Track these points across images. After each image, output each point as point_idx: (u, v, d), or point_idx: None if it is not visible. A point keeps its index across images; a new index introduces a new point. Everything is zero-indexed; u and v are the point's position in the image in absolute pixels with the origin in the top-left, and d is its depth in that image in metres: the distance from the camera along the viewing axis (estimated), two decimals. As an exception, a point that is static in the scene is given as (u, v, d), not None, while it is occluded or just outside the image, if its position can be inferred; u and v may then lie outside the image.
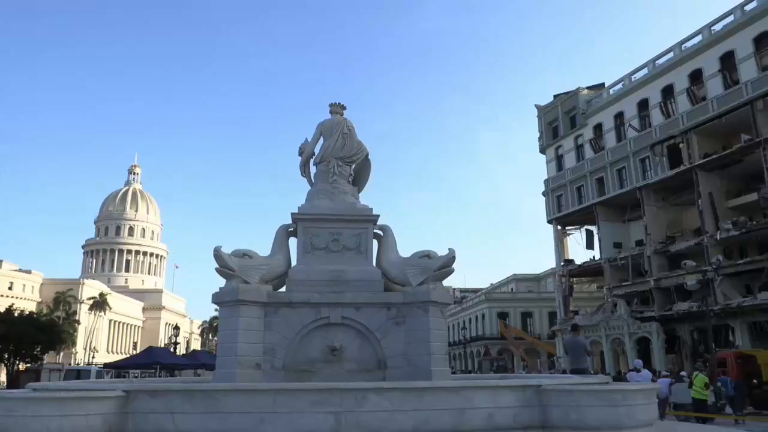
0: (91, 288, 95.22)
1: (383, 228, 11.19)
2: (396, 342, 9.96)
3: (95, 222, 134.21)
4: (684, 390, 19.07)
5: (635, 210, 43.30)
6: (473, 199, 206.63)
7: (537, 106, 55.39)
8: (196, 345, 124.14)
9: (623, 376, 27.80)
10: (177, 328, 49.34)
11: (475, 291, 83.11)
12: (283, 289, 10.57)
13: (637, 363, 21.84)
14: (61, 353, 76.25)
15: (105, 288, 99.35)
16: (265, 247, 10.88)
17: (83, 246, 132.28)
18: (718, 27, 38.22)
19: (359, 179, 12.00)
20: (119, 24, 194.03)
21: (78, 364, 69.98)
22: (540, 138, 54.65)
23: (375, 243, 11.13)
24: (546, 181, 52.98)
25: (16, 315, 48.46)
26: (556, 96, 53.57)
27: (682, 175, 38.64)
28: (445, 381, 9.00)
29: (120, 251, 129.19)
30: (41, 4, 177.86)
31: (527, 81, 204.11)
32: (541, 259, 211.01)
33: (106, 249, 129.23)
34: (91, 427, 6.35)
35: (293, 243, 10.99)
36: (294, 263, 10.84)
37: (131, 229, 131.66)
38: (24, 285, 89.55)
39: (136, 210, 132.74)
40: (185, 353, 56.56)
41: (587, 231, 50.32)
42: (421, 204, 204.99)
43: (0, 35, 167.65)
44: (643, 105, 43.52)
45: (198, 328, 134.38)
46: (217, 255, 9.86)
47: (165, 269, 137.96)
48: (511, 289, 78.12)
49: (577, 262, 50.41)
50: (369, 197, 11.81)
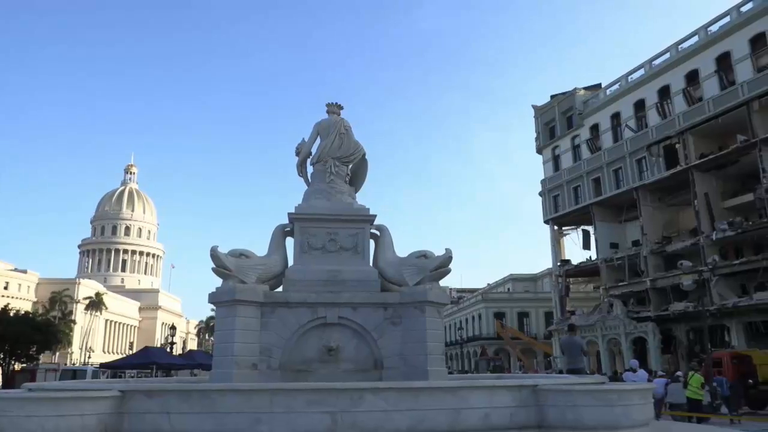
0: (87, 288, 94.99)
1: (380, 228, 11.18)
2: (393, 342, 9.94)
3: (91, 221, 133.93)
4: (680, 390, 19.13)
5: (632, 210, 43.41)
6: (470, 199, 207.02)
7: (534, 106, 55.47)
8: (192, 345, 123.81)
9: (620, 376, 27.82)
10: (173, 328, 49.22)
11: (472, 291, 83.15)
12: (280, 289, 10.55)
13: (634, 363, 21.88)
14: (57, 353, 76.10)
15: (101, 288, 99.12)
16: (262, 247, 10.89)
17: (79, 246, 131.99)
18: (714, 28, 38.36)
19: (356, 179, 11.97)
20: (115, 23, 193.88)
21: (74, 364, 69.76)
22: (537, 138, 54.74)
23: (372, 243, 11.11)
24: (543, 182, 53.08)
25: (11, 315, 48.21)
26: (553, 96, 53.66)
27: (678, 176, 38.77)
28: (442, 381, 8.98)
29: (116, 251, 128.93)
30: (38, 3, 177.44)
31: (525, 81, 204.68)
32: (538, 260, 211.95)
33: (102, 249, 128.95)
34: (87, 427, 6.33)
35: (290, 243, 10.98)
36: (291, 263, 10.82)
37: (128, 229, 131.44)
38: (20, 285, 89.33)
39: (132, 209, 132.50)
40: (182, 353, 56.35)
41: (584, 231, 50.45)
42: (418, 204, 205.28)
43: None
44: (640, 105, 43.64)
45: (194, 328, 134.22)
46: (214, 255, 9.84)
47: (161, 269, 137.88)
48: (508, 290, 78.18)
49: (574, 262, 50.55)
50: (366, 197, 11.81)
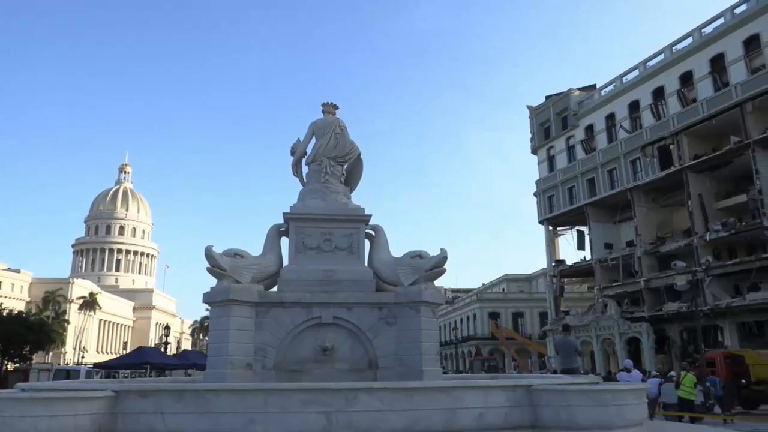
0: (81, 287, 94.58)
1: (375, 228, 11.18)
2: (387, 342, 9.95)
3: (85, 221, 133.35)
4: (673, 390, 19.20)
5: (626, 211, 43.55)
6: (465, 199, 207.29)
7: (529, 107, 55.55)
8: (186, 345, 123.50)
9: (614, 376, 27.92)
10: (167, 327, 49.04)
11: (467, 291, 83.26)
12: (275, 289, 10.54)
13: (628, 363, 21.94)
14: (51, 353, 75.71)
15: (95, 287, 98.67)
16: (257, 247, 10.88)
17: (73, 245, 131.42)
18: (708, 29, 38.51)
19: (351, 179, 11.99)
20: (111, 23, 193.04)
21: (67, 364, 69.44)
22: (532, 139, 54.82)
23: (367, 243, 11.12)
24: (537, 182, 53.17)
25: (4, 315, 48.06)
26: (548, 97, 53.75)
27: (672, 177, 38.91)
28: (436, 381, 8.99)
29: (110, 250, 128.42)
30: (36, 3, 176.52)
31: (520, 81, 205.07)
32: (533, 260, 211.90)
33: (96, 248, 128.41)
34: (80, 428, 6.30)
35: (285, 243, 10.98)
36: (286, 263, 10.81)
37: (122, 229, 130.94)
38: (13, 284, 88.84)
39: (126, 209, 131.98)
40: (176, 353, 56.28)
41: (578, 231, 50.57)
42: (413, 204, 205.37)
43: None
44: (634, 106, 43.77)
45: (189, 327, 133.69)
46: (209, 254, 9.82)
47: (156, 269, 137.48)
48: (503, 290, 78.30)
49: (568, 262, 50.62)
50: (361, 197, 11.82)
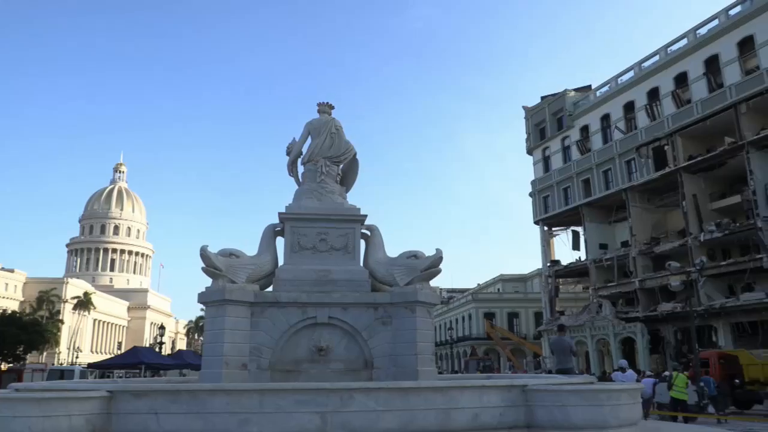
0: (76, 287, 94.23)
1: (371, 228, 11.19)
2: (383, 342, 9.96)
3: (80, 220, 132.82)
4: (667, 390, 19.28)
5: (621, 211, 43.68)
6: (461, 200, 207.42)
7: (524, 107, 55.67)
8: (181, 345, 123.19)
9: (608, 376, 28.00)
10: (162, 327, 48.79)
11: (462, 291, 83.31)
12: (270, 289, 10.54)
13: (623, 363, 22.02)
14: (45, 353, 75.48)
15: (89, 287, 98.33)
16: (253, 247, 10.87)
17: (67, 245, 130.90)
18: (703, 31, 38.66)
19: (347, 179, 11.99)
20: (103, 22, 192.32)
21: (61, 364, 69.19)
22: (527, 139, 54.93)
23: (362, 243, 11.12)
24: (533, 182, 53.28)
25: (-2, 314, 47.90)
26: (543, 97, 53.88)
27: (666, 177, 39.05)
28: (431, 381, 8.99)
29: (105, 250, 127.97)
30: (28, 3, 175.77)
31: (516, 82, 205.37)
32: (528, 260, 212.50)
33: (90, 248, 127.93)
34: (74, 428, 6.28)
35: (280, 243, 10.97)
36: (281, 263, 10.81)
37: (116, 228, 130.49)
38: (7, 284, 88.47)
39: (121, 209, 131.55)
40: (170, 353, 56.01)
41: (573, 232, 50.71)
42: (409, 203, 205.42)
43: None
44: (629, 107, 43.92)
45: (184, 327, 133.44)
46: (204, 254, 9.80)
47: (150, 268, 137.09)
48: (498, 290, 78.39)
49: (564, 262, 50.77)
50: (356, 197, 11.82)
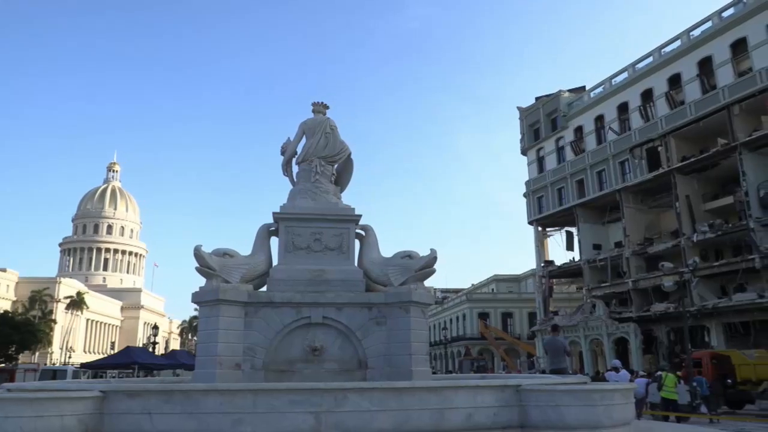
0: (68, 287, 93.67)
1: (365, 228, 11.19)
2: (377, 342, 9.96)
3: (73, 220, 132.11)
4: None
5: (614, 212, 43.84)
6: (455, 200, 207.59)
7: (519, 108, 55.81)
8: (175, 345, 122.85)
9: (602, 375, 28.11)
10: (156, 327, 48.64)
11: (457, 291, 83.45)
12: (264, 289, 10.52)
13: (616, 363, 22.11)
14: (37, 353, 75.02)
15: (82, 287, 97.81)
16: (247, 247, 10.84)
17: (60, 244, 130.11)
18: (696, 32, 38.86)
19: (341, 179, 11.98)
20: (97, 22, 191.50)
21: (54, 364, 68.84)
22: (522, 140, 55.06)
23: (357, 243, 11.13)
24: (527, 183, 53.41)
25: (-10, 314, 47.56)
26: (537, 98, 54.01)
27: (660, 178, 39.23)
28: (426, 381, 8.99)
29: (98, 250, 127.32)
30: (21, 6, 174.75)
31: (510, 82, 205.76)
32: (522, 260, 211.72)
33: (83, 247, 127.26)
34: (67, 428, 6.24)
35: (275, 242, 10.95)
36: (275, 263, 10.79)
37: (110, 228, 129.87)
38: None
39: (114, 208, 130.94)
40: (164, 353, 55.84)
41: (567, 232, 50.88)
42: (403, 203, 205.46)
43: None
44: (623, 108, 44.08)
45: (177, 327, 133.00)
46: (198, 254, 9.77)
47: (144, 268, 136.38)
48: (492, 290, 78.54)
49: (557, 263, 50.90)
50: (351, 197, 11.81)
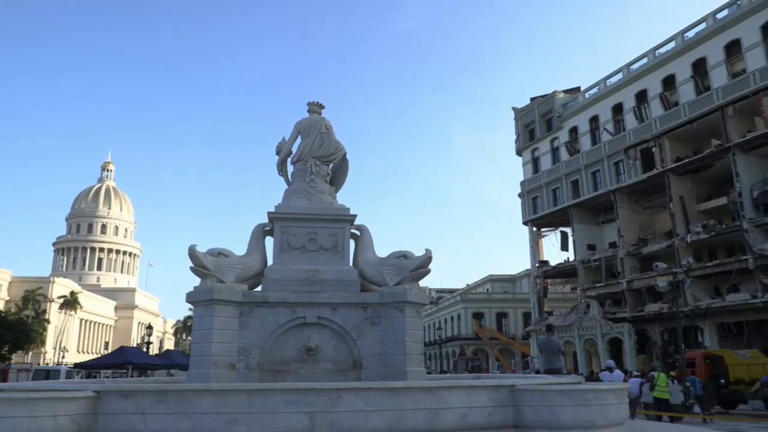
0: (62, 286, 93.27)
1: (360, 228, 11.19)
2: (372, 342, 9.97)
3: (67, 219, 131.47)
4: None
5: (609, 212, 43.97)
6: (450, 200, 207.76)
7: (514, 108, 55.87)
8: (169, 345, 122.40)
9: (596, 375, 28.18)
10: (150, 327, 48.55)
11: (451, 291, 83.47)
12: (259, 289, 10.51)
13: (610, 363, 22.19)
14: (30, 353, 74.61)
15: (76, 286, 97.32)
16: (242, 246, 10.83)
17: (54, 243, 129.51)
18: (690, 34, 39.00)
19: (337, 179, 11.98)
20: (92, 22, 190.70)
21: (47, 363, 68.55)
22: (517, 140, 55.12)
23: (352, 243, 11.12)
24: (522, 183, 53.49)
25: (-18, 314, 47.33)
26: (532, 99, 54.08)
27: (654, 179, 39.36)
28: (420, 381, 9.01)
29: (92, 249, 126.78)
30: (16, 6, 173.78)
31: (506, 82, 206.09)
32: (517, 261, 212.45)
33: (77, 247, 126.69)
34: (60, 428, 6.21)
35: (270, 242, 10.94)
36: (270, 263, 10.78)
37: (104, 227, 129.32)
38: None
39: (109, 207, 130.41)
40: (158, 353, 55.68)
41: (562, 233, 50.97)
42: (398, 204, 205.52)
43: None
44: (618, 109, 44.21)
45: (171, 327, 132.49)
46: (192, 254, 9.75)
47: (138, 268, 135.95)
48: (487, 290, 78.63)
49: (552, 263, 51.01)
50: (346, 197, 11.81)
